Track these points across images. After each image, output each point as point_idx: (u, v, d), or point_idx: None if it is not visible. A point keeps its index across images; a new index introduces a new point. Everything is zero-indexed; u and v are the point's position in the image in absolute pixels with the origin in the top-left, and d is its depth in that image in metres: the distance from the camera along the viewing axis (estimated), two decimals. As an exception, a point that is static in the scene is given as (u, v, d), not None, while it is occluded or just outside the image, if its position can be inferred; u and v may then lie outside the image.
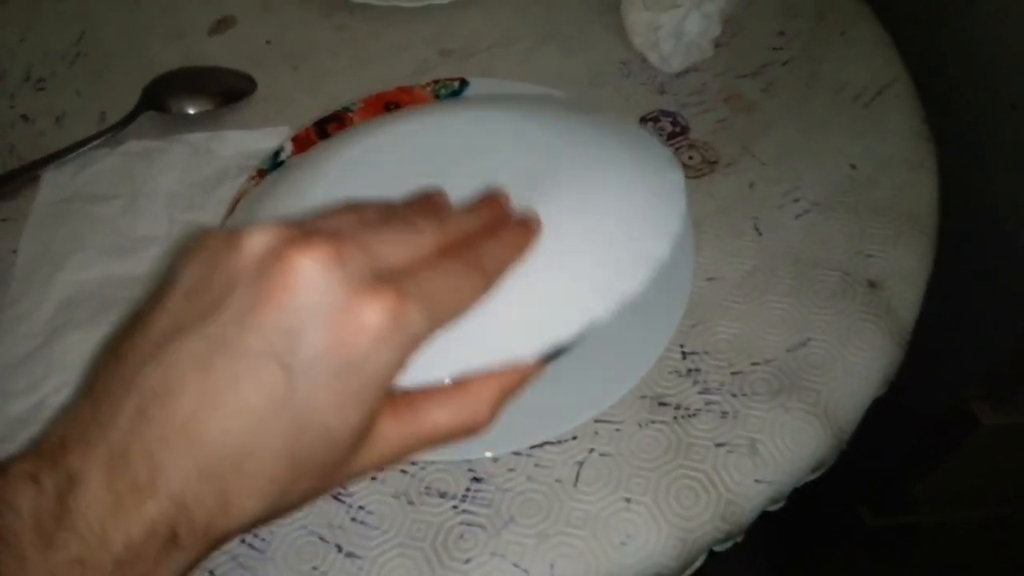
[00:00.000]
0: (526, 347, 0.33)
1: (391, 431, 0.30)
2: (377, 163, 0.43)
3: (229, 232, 0.29)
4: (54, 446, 0.26)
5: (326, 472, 0.29)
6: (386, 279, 0.28)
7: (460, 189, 0.39)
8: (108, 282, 0.48)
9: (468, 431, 0.32)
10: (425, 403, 0.31)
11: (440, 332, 0.30)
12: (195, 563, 0.27)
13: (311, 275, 0.27)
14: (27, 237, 0.50)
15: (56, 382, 0.43)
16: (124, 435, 0.25)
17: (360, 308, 0.27)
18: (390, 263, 0.29)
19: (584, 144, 0.42)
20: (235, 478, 0.26)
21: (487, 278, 0.32)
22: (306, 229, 0.29)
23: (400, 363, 0.28)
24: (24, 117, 0.57)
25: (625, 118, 0.49)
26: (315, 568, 0.37)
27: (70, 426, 0.27)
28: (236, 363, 0.26)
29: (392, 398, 0.30)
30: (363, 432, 0.29)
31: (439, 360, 0.30)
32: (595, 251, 0.37)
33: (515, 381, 0.33)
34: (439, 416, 0.31)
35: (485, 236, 0.33)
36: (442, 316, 0.30)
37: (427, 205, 0.36)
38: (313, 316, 0.26)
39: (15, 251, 0.49)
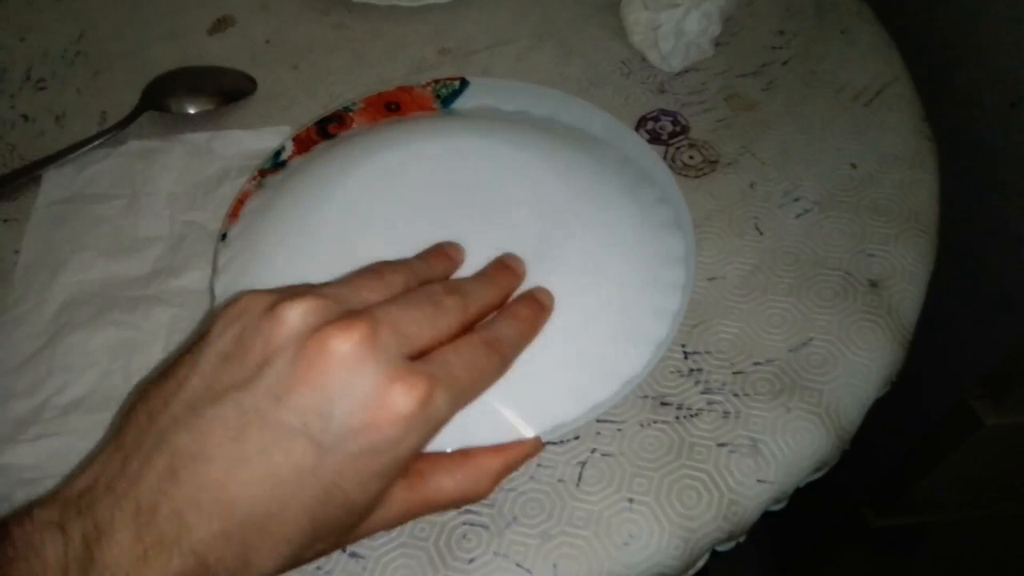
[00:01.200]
0: (531, 425, 0.36)
1: (402, 496, 0.32)
2: (384, 190, 0.44)
3: (268, 298, 0.30)
4: (81, 494, 0.27)
5: (340, 535, 0.30)
6: (416, 363, 0.29)
7: (467, 225, 0.41)
8: (110, 282, 0.48)
9: (470, 500, 0.34)
10: (435, 472, 0.33)
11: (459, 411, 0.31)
12: None
13: (348, 358, 0.28)
14: (29, 237, 0.50)
15: (58, 383, 0.44)
16: (153, 492, 0.26)
17: (393, 394, 0.28)
18: (419, 344, 0.30)
19: (589, 206, 0.44)
20: (257, 541, 0.27)
21: (505, 360, 0.34)
22: (342, 305, 0.30)
23: (424, 444, 0.30)
24: (24, 117, 0.57)
25: (630, 145, 0.49)
26: (319, 568, 0.37)
27: (98, 475, 0.27)
28: (268, 435, 0.27)
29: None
30: (380, 501, 0.30)
31: (451, 430, 0.31)
32: (597, 333, 0.39)
33: (518, 458, 0.36)
34: (446, 485, 0.33)
35: (503, 314, 0.35)
36: (465, 399, 0.31)
37: (443, 260, 0.38)
38: (347, 398, 0.28)
39: (17, 251, 0.49)
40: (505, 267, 0.38)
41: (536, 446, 0.36)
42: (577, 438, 0.40)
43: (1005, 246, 0.60)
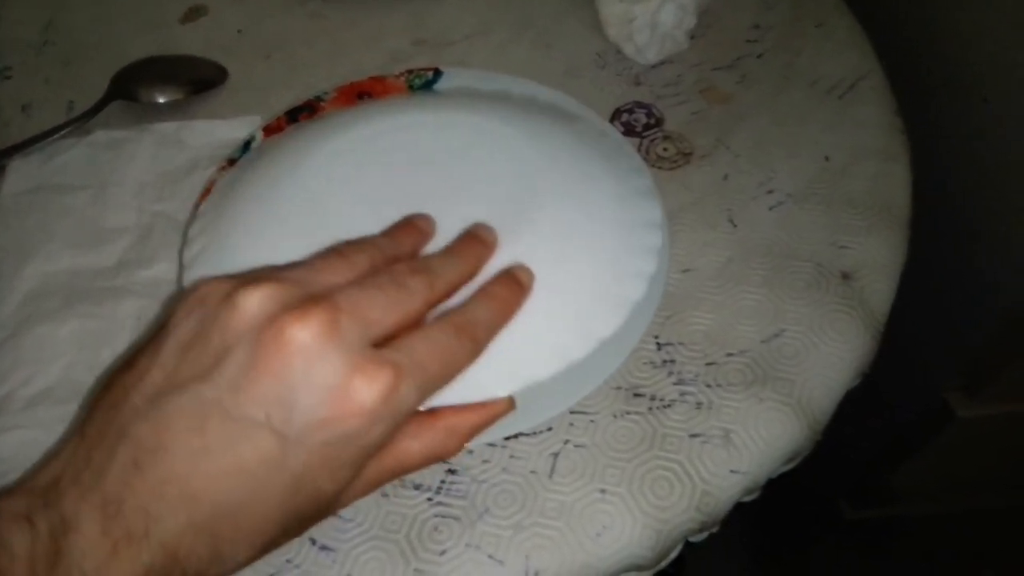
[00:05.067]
0: (502, 385, 0.35)
1: (371, 468, 0.31)
2: (355, 161, 0.43)
3: (226, 285, 0.29)
4: (47, 486, 0.26)
5: (312, 521, 0.30)
6: (380, 351, 0.29)
7: (440, 195, 0.40)
8: (77, 273, 0.47)
9: (439, 459, 0.34)
10: (402, 437, 0.32)
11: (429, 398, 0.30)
12: None
13: (308, 347, 0.27)
14: (-7, 228, 0.49)
15: (24, 374, 0.43)
16: (118, 485, 0.26)
17: (356, 385, 0.27)
18: (383, 329, 0.30)
19: (566, 171, 0.43)
20: (228, 534, 0.27)
21: (477, 344, 0.33)
22: (302, 290, 0.29)
23: (391, 433, 0.29)
24: (-10, 106, 0.56)
25: (606, 128, 0.49)
26: (289, 561, 0.37)
27: (63, 467, 0.27)
28: (231, 427, 0.27)
29: None
30: (350, 483, 0.30)
31: None
32: (573, 292, 0.38)
33: (487, 417, 0.35)
34: (414, 448, 0.32)
35: (478, 294, 0.34)
36: (433, 386, 0.30)
37: (412, 234, 0.37)
38: (308, 388, 0.27)
39: (-19, 242, 0.48)
40: (474, 238, 0.37)
41: (507, 405, 0.35)
42: (550, 429, 0.40)
43: (977, 239, 0.61)
